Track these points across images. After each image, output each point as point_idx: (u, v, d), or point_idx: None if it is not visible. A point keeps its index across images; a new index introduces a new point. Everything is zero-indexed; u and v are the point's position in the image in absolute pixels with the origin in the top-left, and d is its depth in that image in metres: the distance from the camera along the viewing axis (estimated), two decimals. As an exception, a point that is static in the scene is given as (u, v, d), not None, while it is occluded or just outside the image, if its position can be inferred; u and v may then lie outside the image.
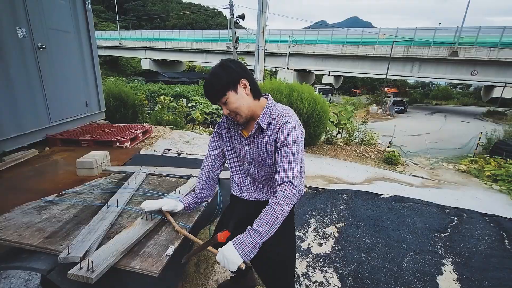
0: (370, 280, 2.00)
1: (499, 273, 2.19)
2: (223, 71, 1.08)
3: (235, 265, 0.91)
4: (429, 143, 12.00)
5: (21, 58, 3.20)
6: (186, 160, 2.23)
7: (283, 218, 0.98)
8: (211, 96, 1.10)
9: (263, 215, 0.98)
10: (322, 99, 5.72)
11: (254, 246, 0.94)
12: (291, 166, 1.04)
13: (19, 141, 3.18)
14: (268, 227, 0.96)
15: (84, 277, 0.75)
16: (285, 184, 1.02)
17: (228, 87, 1.07)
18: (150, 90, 14.64)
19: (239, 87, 1.09)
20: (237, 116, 1.12)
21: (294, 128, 1.08)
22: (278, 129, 1.09)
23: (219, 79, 1.06)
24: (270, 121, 1.12)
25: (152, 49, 35.03)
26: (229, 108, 1.09)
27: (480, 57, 18.67)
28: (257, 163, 1.19)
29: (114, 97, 5.48)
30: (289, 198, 1.00)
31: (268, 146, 1.13)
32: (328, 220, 2.86)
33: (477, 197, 4.24)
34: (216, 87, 1.07)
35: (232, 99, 1.08)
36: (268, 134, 1.12)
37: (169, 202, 1.19)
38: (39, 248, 0.89)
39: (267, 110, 1.14)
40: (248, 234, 0.96)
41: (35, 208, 1.14)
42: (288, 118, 1.10)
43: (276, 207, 0.98)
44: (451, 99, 37.31)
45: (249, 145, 1.18)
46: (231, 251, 0.92)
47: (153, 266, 0.86)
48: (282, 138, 1.07)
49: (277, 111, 1.14)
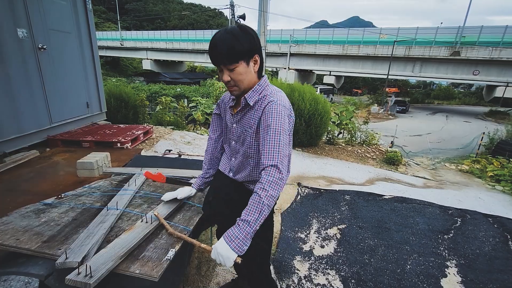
0: (373, 283, 1.97)
1: (503, 275, 2.16)
2: (245, 37, 0.99)
3: (230, 259, 0.87)
4: (431, 143, 11.95)
5: (21, 59, 3.19)
6: (187, 161, 2.21)
7: (271, 204, 0.93)
8: (221, 57, 0.99)
9: (250, 203, 0.93)
10: (324, 99, 5.70)
11: (245, 237, 0.89)
12: (276, 148, 0.97)
13: (20, 142, 3.18)
14: (256, 215, 0.90)
15: (82, 282, 0.73)
16: (270, 168, 0.95)
17: (243, 56, 1.00)
18: (151, 90, 14.65)
19: (251, 61, 1.04)
20: (234, 87, 1.06)
21: (280, 109, 1.01)
22: (263, 108, 1.04)
23: (238, 43, 0.97)
24: (258, 99, 1.08)
25: (153, 50, 35.08)
26: (232, 77, 1.02)
27: (482, 57, 18.58)
28: (241, 142, 1.16)
29: (115, 98, 5.48)
30: (274, 183, 0.93)
31: (251, 124, 1.09)
32: (330, 222, 2.84)
33: (480, 197, 4.21)
34: (232, 49, 0.97)
35: (241, 69, 1.01)
36: (253, 112, 1.08)
37: (183, 190, 1.31)
38: (36, 253, 0.87)
39: (257, 88, 1.09)
40: (237, 225, 0.92)
41: (33, 212, 1.13)
42: (275, 98, 1.04)
43: (261, 192, 0.92)
44: (453, 99, 37.19)
45: (236, 123, 1.15)
46: (223, 246, 0.89)
47: (153, 271, 0.84)
48: (266, 118, 1.01)
49: (267, 90, 1.09)
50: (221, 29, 1.02)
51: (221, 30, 1.01)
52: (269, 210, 0.93)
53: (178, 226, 1.14)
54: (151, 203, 1.35)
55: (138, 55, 37.16)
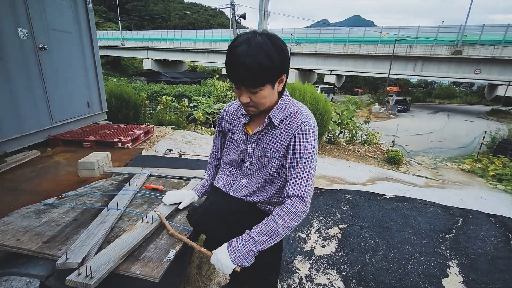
0: (374, 283, 1.97)
1: (505, 275, 2.15)
2: (278, 54, 0.80)
3: (229, 268, 0.84)
4: (432, 143, 11.91)
5: (22, 58, 3.19)
6: (188, 161, 2.21)
7: (284, 234, 0.88)
8: (245, 78, 0.81)
9: (264, 224, 0.88)
10: (324, 98, 5.68)
11: (247, 253, 0.85)
12: (305, 178, 0.89)
13: (21, 142, 3.18)
14: (265, 237, 0.86)
15: (82, 283, 0.73)
16: (295, 199, 0.89)
17: (271, 79, 0.84)
18: (152, 90, 14.66)
19: (277, 82, 0.88)
20: (252, 108, 0.91)
21: (314, 132, 0.92)
22: (295, 129, 0.91)
23: (269, 63, 0.79)
24: (283, 118, 0.95)
25: (154, 49, 35.10)
26: (253, 99, 0.87)
27: (484, 55, 18.50)
28: (260, 164, 1.03)
29: (116, 98, 5.48)
30: (296, 215, 0.88)
31: (278, 147, 0.96)
32: (331, 221, 2.83)
33: (481, 197, 4.19)
34: (260, 71, 0.79)
35: (265, 93, 0.86)
36: (280, 133, 0.95)
37: (185, 197, 1.26)
38: (37, 254, 0.87)
39: (281, 104, 0.95)
40: (243, 239, 0.88)
41: (34, 212, 1.12)
42: (308, 118, 0.93)
43: (279, 221, 0.87)
44: (454, 98, 37.07)
45: (253, 143, 1.01)
46: (224, 254, 0.86)
47: (153, 271, 0.84)
48: (299, 142, 0.91)
49: (293, 107, 0.96)
50: (243, 36, 0.81)
51: (244, 39, 0.80)
52: (280, 239, 0.89)
53: (178, 226, 1.14)
54: (152, 203, 1.35)
55: (138, 55, 37.20)
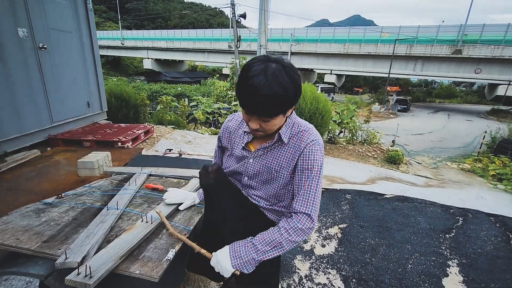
0: (374, 282, 1.97)
1: (505, 275, 2.15)
2: (293, 87, 0.81)
3: (228, 272, 0.84)
4: (433, 142, 11.91)
5: (22, 58, 3.19)
6: (188, 161, 2.21)
7: (287, 248, 0.88)
8: (261, 110, 0.81)
9: (268, 234, 0.89)
10: (324, 98, 5.68)
11: (248, 261, 0.85)
12: (313, 195, 0.91)
13: (21, 141, 3.18)
14: (268, 248, 0.86)
15: (82, 283, 0.73)
16: (302, 215, 0.90)
17: (286, 109, 0.85)
18: (152, 89, 14.67)
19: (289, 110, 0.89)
20: (260, 132, 0.92)
21: (321, 151, 0.95)
22: (304, 147, 0.92)
23: (285, 97, 0.80)
24: (291, 135, 0.96)
25: (154, 49, 35.10)
26: (264, 126, 0.87)
27: (484, 55, 18.50)
28: (262, 180, 1.02)
29: (116, 97, 5.48)
30: (302, 231, 0.88)
31: (285, 163, 0.96)
32: (331, 221, 2.83)
33: (481, 196, 4.19)
34: (277, 105, 0.81)
35: (277, 121, 0.87)
36: (287, 150, 0.96)
37: (186, 199, 1.27)
38: (36, 253, 0.87)
39: (289, 122, 0.96)
40: (245, 245, 0.88)
41: (33, 211, 1.12)
42: (316, 137, 0.95)
43: (284, 233, 0.87)
44: (455, 97, 37.07)
45: (255, 158, 1.01)
46: (225, 258, 0.86)
47: (153, 271, 0.84)
48: (307, 160, 0.92)
49: (300, 125, 0.97)
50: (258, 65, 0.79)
51: (260, 68, 0.78)
52: (282, 252, 0.89)
53: (178, 226, 1.14)
54: (152, 203, 1.35)
55: (139, 55, 37.20)
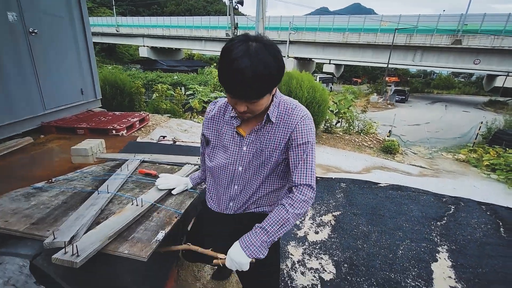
0: (365, 267, 2.01)
1: (493, 260, 2.20)
2: (277, 64, 0.80)
3: (246, 265, 0.88)
4: (429, 133, 11.97)
5: (12, 43, 3.11)
6: (182, 148, 2.20)
7: (294, 222, 0.91)
8: (247, 93, 0.80)
9: (273, 215, 0.90)
10: (322, 87, 5.64)
11: (261, 245, 0.88)
12: (310, 167, 0.93)
13: (13, 128, 3.14)
14: (277, 227, 0.89)
15: (68, 261, 0.73)
16: (304, 187, 0.92)
17: (271, 88, 0.85)
18: (148, 78, 14.46)
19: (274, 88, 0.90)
20: (248, 114, 0.90)
21: (312, 124, 0.97)
22: (295, 124, 0.93)
23: (270, 76, 0.79)
24: (279, 114, 0.95)
25: (149, 36, 34.39)
26: (251, 107, 0.86)
27: (484, 46, 18.36)
28: (256, 166, 0.99)
29: (110, 85, 5.39)
30: (306, 202, 0.91)
31: (277, 142, 0.96)
32: (325, 209, 2.87)
33: (474, 186, 4.25)
34: (262, 85, 0.80)
35: (263, 101, 0.86)
36: (277, 129, 0.95)
37: (179, 184, 1.28)
38: (25, 234, 0.87)
39: (275, 101, 0.95)
40: (254, 232, 0.90)
41: (23, 195, 1.12)
42: (305, 112, 0.97)
43: (289, 209, 0.89)
44: (453, 88, 37.01)
45: (248, 145, 0.98)
46: (238, 254, 0.88)
47: (142, 251, 0.85)
48: (301, 135, 0.93)
49: (286, 102, 0.97)
50: (238, 45, 0.76)
51: (242, 50, 0.75)
52: (290, 227, 0.91)
53: (169, 209, 1.14)
54: (143, 188, 1.35)
55: (134, 42, 36.45)
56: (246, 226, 0.98)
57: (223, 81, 0.81)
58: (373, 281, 1.87)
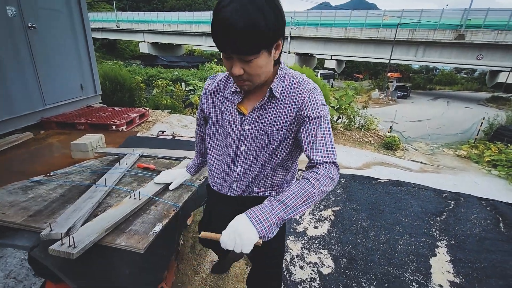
0: (364, 262, 2.02)
1: (492, 255, 2.20)
2: (272, 11, 0.70)
3: (251, 243, 0.69)
4: (430, 129, 11.92)
5: (11, 38, 3.10)
6: (181, 142, 2.20)
7: (318, 199, 0.77)
8: (236, 43, 0.69)
9: (294, 188, 0.75)
10: (322, 83, 5.61)
11: (275, 222, 0.71)
12: (330, 142, 0.83)
13: (13, 124, 3.15)
14: (299, 201, 0.73)
15: (65, 252, 0.74)
16: (329, 165, 0.80)
17: (267, 43, 0.73)
18: (148, 74, 14.42)
19: (274, 48, 0.78)
20: (247, 82, 0.80)
21: (322, 98, 0.88)
22: (304, 97, 0.84)
23: (263, 22, 0.68)
24: (283, 88, 0.87)
25: (150, 32, 34.21)
26: (248, 70, 0.76)
27: (487, 41, 18.17)
28: (260, 146, 0.91)
29: (110, 80, 5.39)
30: (332, 180, 0.79)
31: (283, 120, 0.87)
32: (325, 204, 2.87)
33: (475, 182, 4.24)
34: (254, 32, 0.68)
35: (261, 61, 0.75)
36: (283, 105, 0.87)
37: (177, 177, 1.25)
38: (22, 226, 0.87)
39: (280, 74, 0.87)
40: (270, 205, 0.74)
41: (21, 188, 1.12)
42: (314, 84, 0.88)
43: (315, 183, 0.76)
44: (455, 84, 36.73)
45: (251, 123, 0.90)
46: (245, 225, 0.70)
47: (139, 243, 0.85)
48: (314, 107, 0.84)
49: (293, 76, 0.88)
50: None
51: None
52: (312, 205, 0.84)
53: (167, 202, 1.14)
54: (142, 181, 1.35)
55: (134, 38, 36.29)
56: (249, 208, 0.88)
57: (214, 37, 0.72)
58: (371, 275, 1.87)
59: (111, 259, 0.87)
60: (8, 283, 1.46)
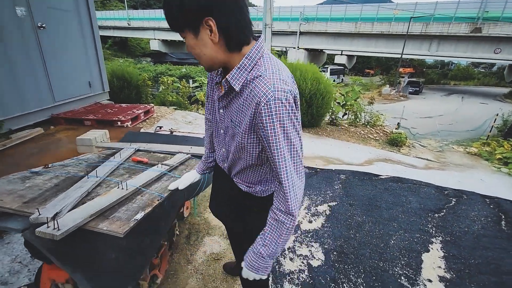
0: (354, 255, 2.04)
1: (488, 252, 2.18)
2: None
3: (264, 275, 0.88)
4: (441, 125, 11.60)
5: (21, 38, 3.25)
6: (178, 138, 2.28)
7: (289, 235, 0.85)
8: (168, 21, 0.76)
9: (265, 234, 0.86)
10: (326, 78, 5.57)
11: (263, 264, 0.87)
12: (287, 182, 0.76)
13: (24, 120, 3.32)
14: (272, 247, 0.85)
15: (50, 234, 0.81)
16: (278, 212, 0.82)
17: (184, 22, 0.72)
18: (157, 71, 14.66)
19: (202, 30, 0.70)
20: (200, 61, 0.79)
21: (282, 109, 0.69)
22: (256, 105, 0.70)
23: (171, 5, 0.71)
24: (247, 82, 0.74)
25: (160, 29, 34.57)
26: (189, 49, 0.77)
27: (505, 34, 17.35)
28: (231, 135, 0.88)
29: (118, 78, 5.54)
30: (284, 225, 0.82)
31: (240, 120, 0.78)
32: (321, 199, 2.89)
33: (482, 179, 4.14)
34: (170, 11, 0.73)
35: (190, 42, 0.74)
36: (243, 102, 0.76)
37: (187, 177, 1.18)
38: (16, 211, 0.96)
39: (245, 63, 0.74)
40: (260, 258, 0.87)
41: (20, 178, 1.22)
42: (273, 88, 0.69)
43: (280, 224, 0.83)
44: (472, 79, 35.39)
45: (223, 108, 0.86)
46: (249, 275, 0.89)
47: (119, 228, 0.92)
48: (263, 126, 0.71)
49: (260, 68, 0.74)
50: None
51: None
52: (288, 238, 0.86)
53: (153, 193, 1.21)
54: (133, 174, 1.43)
55: (145, 35, 36.79)
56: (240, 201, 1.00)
57: None
58: (360, 269, 1.90)
59: (95, 243, 0.95)
60: (14, 267, 1.58)
